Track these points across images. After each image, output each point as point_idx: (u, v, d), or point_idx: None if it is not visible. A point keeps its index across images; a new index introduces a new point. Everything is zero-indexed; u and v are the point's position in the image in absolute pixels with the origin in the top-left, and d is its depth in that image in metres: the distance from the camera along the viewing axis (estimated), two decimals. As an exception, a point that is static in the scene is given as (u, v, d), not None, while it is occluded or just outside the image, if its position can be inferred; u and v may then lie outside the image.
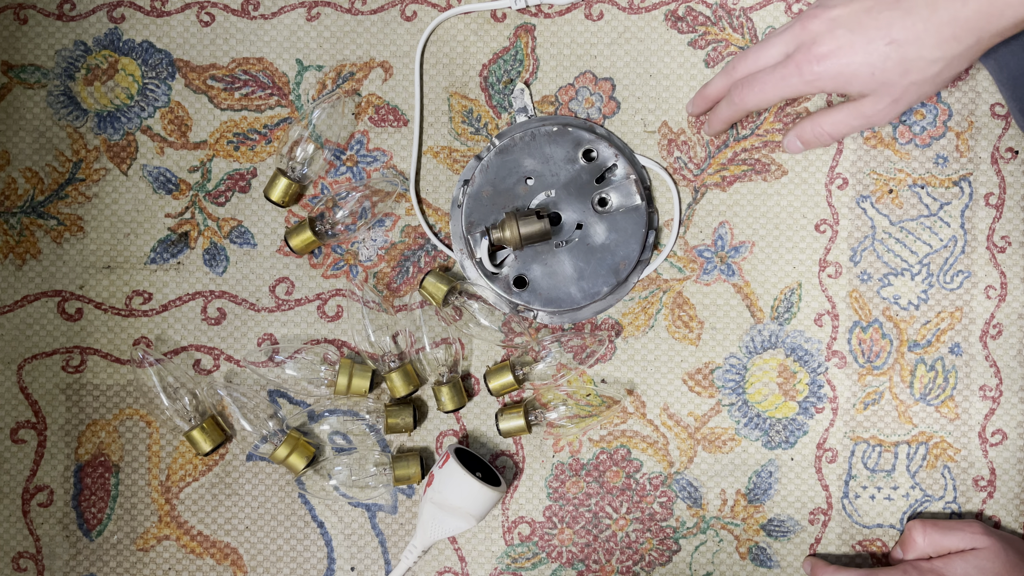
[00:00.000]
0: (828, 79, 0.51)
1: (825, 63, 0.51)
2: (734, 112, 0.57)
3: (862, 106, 0.53)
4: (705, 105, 0.60)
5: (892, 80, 0.50)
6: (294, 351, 0.67)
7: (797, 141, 0.57)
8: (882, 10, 0.50)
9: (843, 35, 0.51)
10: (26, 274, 0.68)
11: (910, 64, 0.50)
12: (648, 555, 0.68)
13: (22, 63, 0.68)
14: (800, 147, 0.57)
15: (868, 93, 0.52)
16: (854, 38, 0.50)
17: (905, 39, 0.49)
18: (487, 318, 0.67)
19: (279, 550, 0.68)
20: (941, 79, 0.51)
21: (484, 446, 0.68)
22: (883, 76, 0.50)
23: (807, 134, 0.56)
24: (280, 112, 0.68)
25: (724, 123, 0.58)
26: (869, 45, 0.50)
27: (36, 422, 0.67)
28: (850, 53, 0.51)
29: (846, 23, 0.51)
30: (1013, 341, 0.68)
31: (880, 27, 0.50)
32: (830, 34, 0.51)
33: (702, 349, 0.68)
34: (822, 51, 0.51)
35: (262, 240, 0.68)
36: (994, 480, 0.68)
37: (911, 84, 0.50)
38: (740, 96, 0.55)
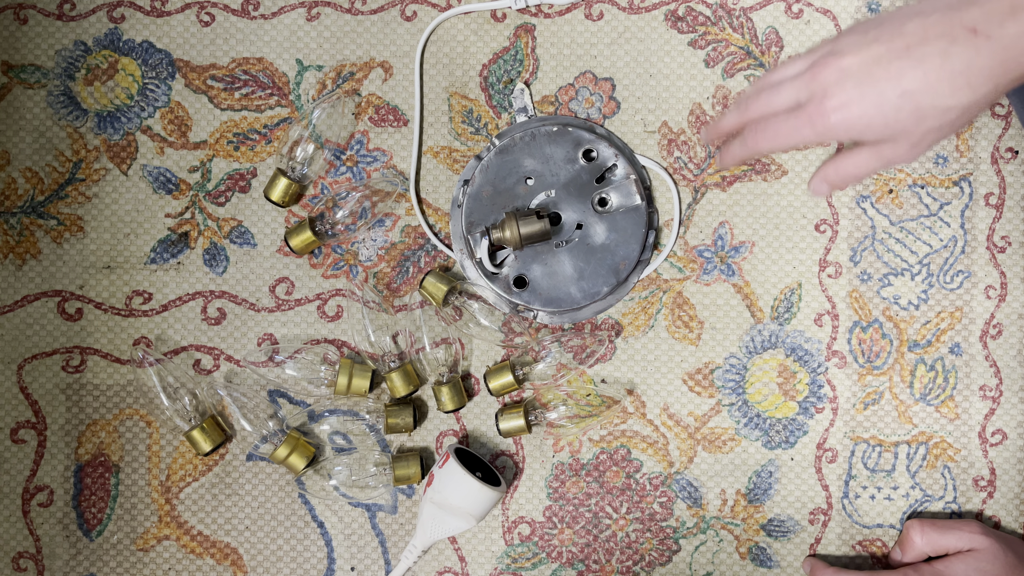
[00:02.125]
0: (841, 131, 0.51)
1: (836, 116, 0.50)
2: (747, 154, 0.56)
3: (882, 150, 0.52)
4: (718, 139, 0.59)
5: (907, 128, 0.50)
6: (294, 351, 0.67)
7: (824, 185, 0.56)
8: (892, 60, 0.49)
9: (853, 88, 0.50)
10: (26, 274, 0.68)
11: (924, 113, 0.49)
12: (648, 555, 0.68)
13: (22, 63, 0.68)
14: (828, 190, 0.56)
15: (885, 140, 0.51)
16: (865, 90, 0.49)
17: (917, 89, 0.48)
18: (487, 318, 0.67)
19: (279, 550, 0.68)
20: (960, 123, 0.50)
21: (484, 446, 0.68)
22: (897, 126, 0.49)
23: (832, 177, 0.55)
24: (280, 112, 0.68)
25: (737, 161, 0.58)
26: (880, 97, 0.49)
27: (36, 422, 0.67)
28: (861, 105, 0.50)
29: (856, 74, 0.50)
30: (1013, 341, 0.68)
31: (891, 78, 0.49)
32: (840, 86, 0.50)
33: (702, 349, 0.68)
34: (833, 104, 0.50)
35: (262, 240, 0.68)
36: (994, 480, 0.68)
37: (928, 131, 0.49)
38: (754, 141, 0.54)
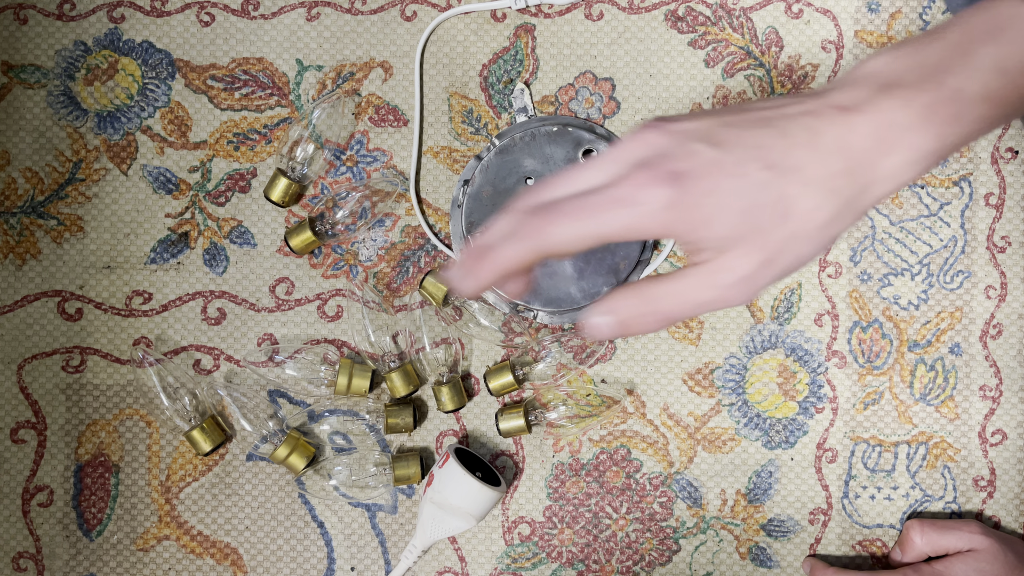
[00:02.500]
0: (679, 211, 0.34)
1: (679, 185, 0.34)
2: (523, 255, 0.35)
3: (719, 270, 0.35)
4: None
5: (767, 226, 0.35)
6: (294, 351, 0.67)
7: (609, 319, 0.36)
8: (749, 127, 0.36)
9: (704, 150, 0.35)
10: (26, 274, 0.68)
11: (790, 205, 0.35)
12: (648, 555, 0.68)
13: (22, 63, 0.68)
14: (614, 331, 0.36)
15: (730, 246, 0.35)
16: (721, 156, 0.35)
17: (787, 166, 0.35)
18: (487, 318, 0.67)
19: (279, 550, 0.68)
20: (825, 237, 0.36)
21: (484, 446, 0.68)
22: (756, 217, 0.35)
23: (628, 312, 0.36)
24: (280, 112, 0.68)
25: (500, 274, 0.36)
26: (740, 167, 0.34)
27: (36, 422, 0.67)
28: (716, 176, 0.34)
29: (705, 137, 0.35)
30: (1013, 341, 0.68)
31: (753, 146, 0.35)
32: (683, 148, 0.35)
33: (702, 349, 0.68)
34: (677, 168, 0.34)
35: (262, 240, 0.68)
36: (994, 480, 0.68)
37: (790, 238, 0.35)
38: (537, 228, 0.35)
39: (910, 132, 0.36)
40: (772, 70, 0.68)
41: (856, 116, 0.36)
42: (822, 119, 0.36)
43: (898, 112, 0.36)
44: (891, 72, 0.37)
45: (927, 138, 0.36)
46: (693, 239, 0.35)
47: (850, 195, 0.36)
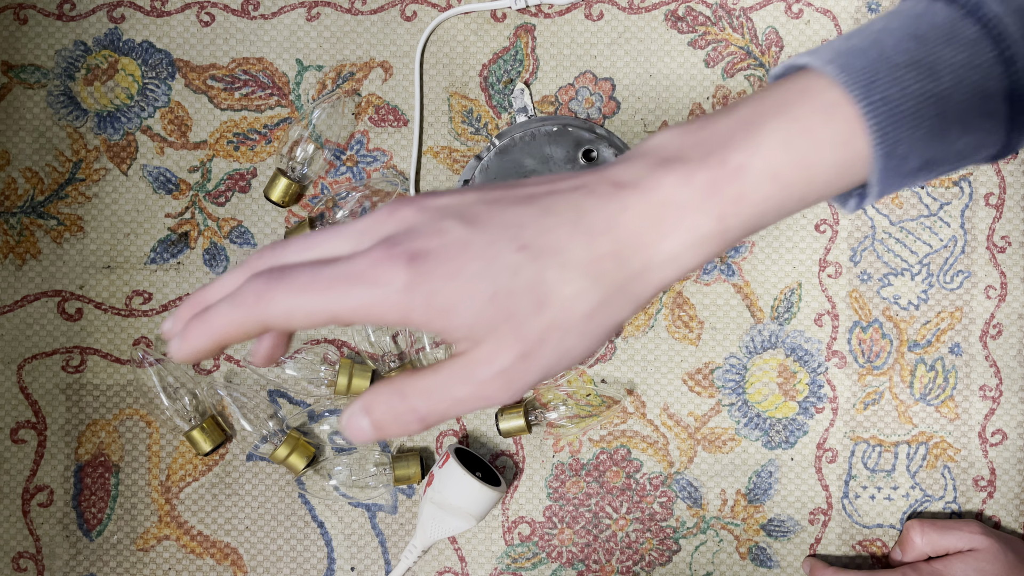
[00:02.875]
0: (420, 296, 0.31)
1: (419, 265, 0.31)
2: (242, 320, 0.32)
3: (474, 363, 0.32)
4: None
5: (520, 314, 0.31)
6: (294, 351, 0.67)
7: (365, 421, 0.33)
8: (510, 204, 0.33)
9: (453, 228, 0.32)
10: (26, 274, 0.68)
11: (548, 291, 0.31)
12: (648, 555, 0.68)
13: (22, 63, 0.68)
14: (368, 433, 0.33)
15: (482, 336, 0.32)
16: (472, 236, 0.31)
17: (544, 247, 0.32)
18: (487, 318, 0.67)
19: (279, 550, 0.68)
20: (593, 329, 0.33)
21: (484, 446, 0.68)
22: (507, 304, 0.31)
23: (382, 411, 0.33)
24: (280, 112, 0.68)
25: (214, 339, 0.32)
26: (491, 249, 0.31)
27: (36, 422, 0.67)
28: (462, 258, 0.31)
29: (459, 214, 0.32)
30: (1013, 341, 0.68)
31: (507, 225, 0.32)
32: (434, 224, 0.32)
33: (702, 349, 0.68)
34: (419, 246, 0.31)
35: (262, 240, 0.68)
36: (994, 480, 0.68)
37: (549, 328, 0.32)
38: (260, 294, 0.31)
39: (689, 212, 0.32)
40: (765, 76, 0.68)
41: (630, 193, 0.33)
42: (592, 196, 0.33)
43: (676, 189, 0.33)
44: (675, 147, 0.34)
45: (707, 219, 0.33)
46: (439, 328, 0.32)
47: (620, 281, 0.32)
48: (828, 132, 0.33)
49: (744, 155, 0.33)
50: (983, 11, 0.34)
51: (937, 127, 0.34)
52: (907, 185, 0.36)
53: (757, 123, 0.33)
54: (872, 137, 0.33)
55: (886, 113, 0.33)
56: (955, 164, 0.36)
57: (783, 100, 0.34)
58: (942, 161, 0.35)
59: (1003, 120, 0.35)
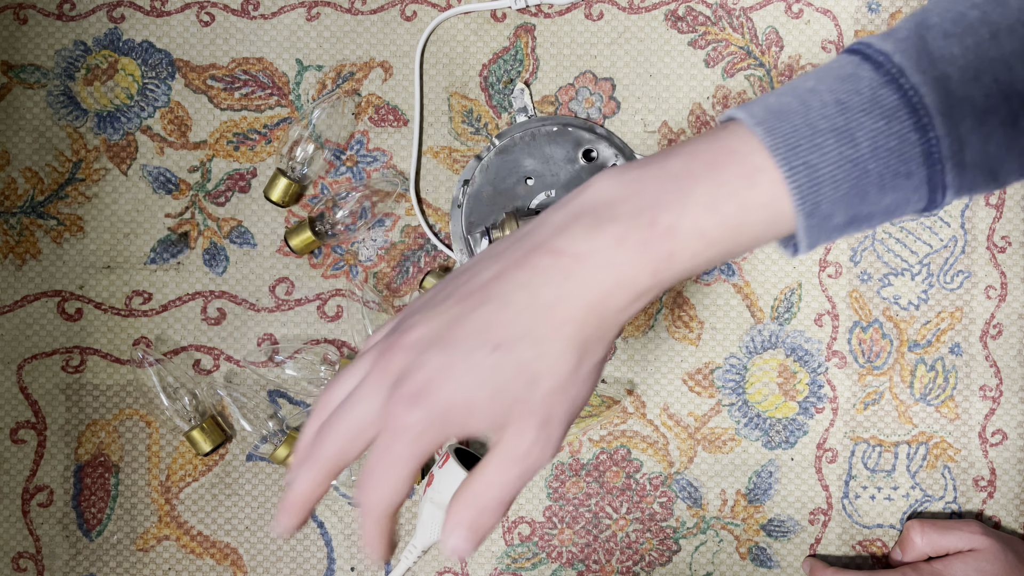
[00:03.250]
0: (439, 422, 0.37)
1: (423, 402, 0.36)
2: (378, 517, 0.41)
3: (508, 447, 0.38)
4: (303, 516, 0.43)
5: (522, 396, 0.37)
6: (294, 351, 0.67)
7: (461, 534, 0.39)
8: (471, 312, 0.37)
9: (434, 358, 0.37)
10: (26, 274, 0.68)
11: (534, 369, 0.37)
12: (648, 555, 0.68)
13: (22, 63, 0.68)
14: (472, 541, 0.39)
15: (504, 423, 0.37)
16: (449, 357, 0.37)
17: (511, 338, 0.36)
18: (487, 318, 0.67)
19: (279, 550, 0.68)
20: (585, 374, 0.38)
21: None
22: (507, 394, 0.37)
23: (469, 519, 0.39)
24: (280, 112, 0.68)
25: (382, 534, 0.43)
26: (469, 359, 0.36)
27: (36, 422, 0.67)
28: (451, 378, 0.36)
29: (434, 342, 0.37)
30: (1013, 341, 0.68)
31: (475, 333, 0.37)
32: (417, 363, 0.37)
33: (702, 349, 0.68)
34: (413, 388, 0.37)
35: (262, 240, 0.68)
36: (994, 480, 0.68)
37: (549, 394, 0.37)
38: (368, 499, 0.40)
39: (627, 271, 0.36)
40: (772, 70, 0.68)
41: (571, 262, 0.37)
42: (535, 272, 0.37)
43: (612, 252, 0.36)
44: (610, 201, 0.37)
45: (643, 274, 0.37)
46: (471, 433, 0.37)
47: (585, 336, 0.37)
48: (753, 195, 0.36)
49: (673, 216, 0.36)
50: (903, 80, 0.37)
51: (856, 188, 0.37)
52: (839, 237, 0.39)
53: (687, 184, 0.37)
54: (794, 199, 0.36)
55: (806, 177, 0.36)
56: (885, 217, 0.38)
57: (712, 160, 0.37)
58: (870, 216, 0.38)
59: (923, 180, 0.37)
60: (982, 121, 0.37)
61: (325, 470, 0.41)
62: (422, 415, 0.37)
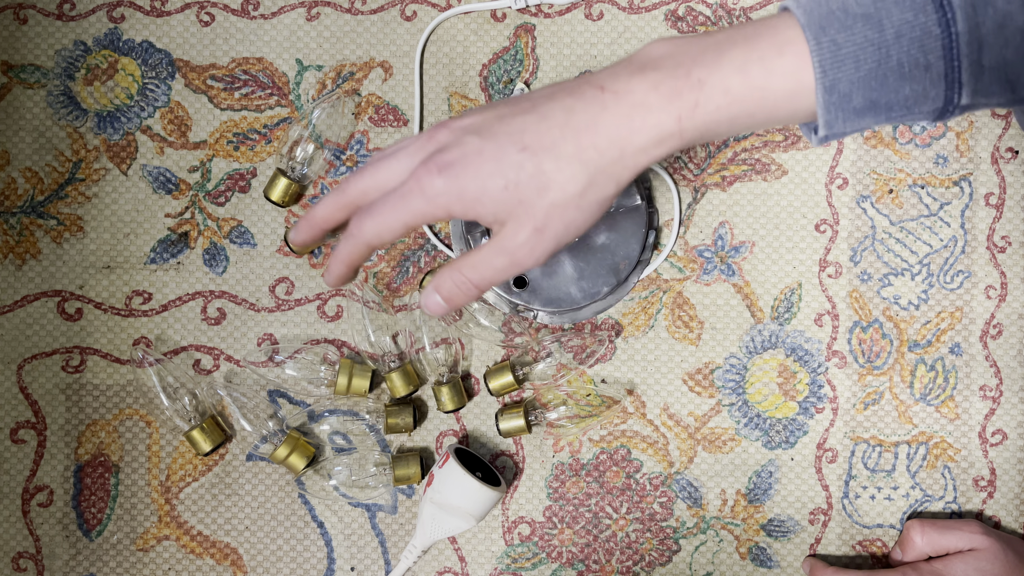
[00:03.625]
0: (454, 194, 0.42)
1: (449, 173, 0.42)
2: (353, 248, 0.46)
3: (503, 239, 0.43)
4: (311, 233, 0.49)
5: (529, 198, 0.42)
6: (294, 351, 0.67)
7: (436, 297, 0.46)
8: (516, 116, 0.43)
9: (472, 141, 0.43)
10: (26, 274, 0.68)
11: (547, 179, 0.42)
12: (648, 555, 0.68)
13: (22, 63, 0.68)
14: (442, 305, 0.46)
15: (504, 218, 0.43)
16: (484, 144, 0.42)
17: (539, 146, 0.42)
18: (487, 318, 0.67)
19: (279, 550, 0.68)
20: (587, 203, 0.43)
21: (484, 446, 0.68)
22: (517, 192, 0.42)
23: (447, 286, 0.45)
24: (280, 112, 0.68)
25: (344, 265, 0.47)
26: (499, 151, 0.42)
27: (36, 422, 0.67)
28: (478, 161, 0.42)
29: (477, 130, 0.43)
30: (1013, 341, 0.68)
31: (512, 133, 0.42)
32: (458, 142, 0.43)
33: (702, 349, 0.68)
34: (447, 159, 0.43)
35: (262, 240, 0.68)
36: (994, 480, 0.68)
37: (552, 206, 0.42)
38: (357, 227, 0.45)
39: (654, 112, 0.41)
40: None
41: (610, 96, 0.42)
42: (580, 100, 0.42)
43: (646, 94, 0.41)
44: (656, 56, 0.42)
45: (668, 119, 0.41)
46: (474, 216, 0.43)
47: (602, 165, 0.42)
48: (780, 63, 0.40)
49: (705, 72, 0.41)
50: None
51: (876, 72, 0.40)
52: (858, 125, 0.41)
53: (724, 48, 0.41)
54: (815, 71, 0.40)
55: (830, 52, 0.40)
56: (903, 112, 0.41)
57: (753, 32, 0.41)
58: (888, 107, 0.41)
59: (940, 75, 0.40)
60: (1002, 24, 0.39)
61: (344, 200, 0.46)
62: (444, 184, 0.42)
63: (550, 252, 0.44)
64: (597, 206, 0.43)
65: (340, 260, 0.47)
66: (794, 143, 0.68)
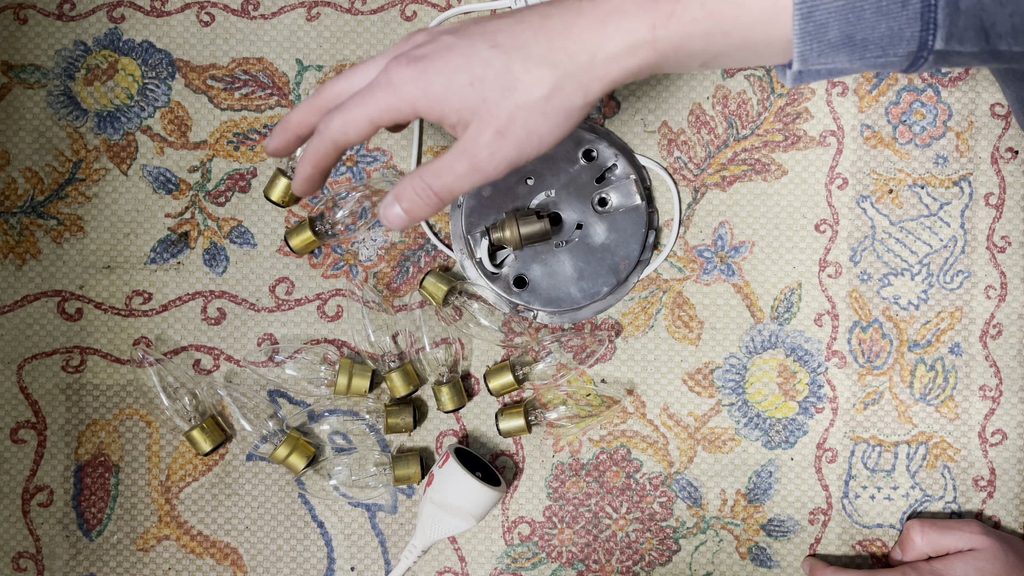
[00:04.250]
0: (420, 87, 0.43)
1: (417, 66, 0.43)
2: (319, 146, 0.46)
3: (464, 141, 0.43)
4: (285, 138, 0.49)
5: (493, 98, 0.42)
6: (294, 351, 0.67)
7: (396, 208, 0.45)
8: (493, 20, 0.44)
9: (446, 39, 0.43)
10: (26, 274, 0.68)
11: (514, 78, 0.42)
12: (648, 555, 0.68)
13: (22, 63, 0.68)
14: (402, 216, 0.45)
15: (468, 119, 0.43)
16: (457, 42, 0.43)
17: (511, 45, 0.42)
18: (487, 318, 0.67)
19: (279, 550, 0.68)
20: (552, 110, 0.42)
21: (484, 446, 0.68)
22: (482, 89, 0.42)
23: (408, 194, 0.44)
24: (280, 112, 0.68)
25: (310, 165, 0.47)
26: (470, 48, 0.42)
27: (36, 422, 0.67)
28: (447, 56, 0.43)
29: (453, 30, 0.44)
30: (1013, 341, 0.68)
31: (486, 33, 0.43)
32: (433, 40, 0.44)
33: (702, 349, 0.68)
34: (418, 53, 0.43)
35: (262, 240, 0.68)
36: (994, 480, 0.68)
37: (516, 108, 0.42)
38: (324, 124, 0.45)
39: (628, 18, 0.41)
40: (772, 70, 0.68)
41: (586, 3, 0.42)
42: (558, 6, 0.42)
43: (623, 1, 0.41)
44: None
45: (642, 26, 0.41)
46: (437, 114, 0.43)
47: (571, 70, 0.42)
48: None
49: None
50: None
51: (854, 3, 0.40)
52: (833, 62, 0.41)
53: None
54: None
55: None
56: (878, 52, 0.41)
57: None
58: (864, 44, 0.40)
59: (917, 14, 0.40)
60: None
61: (318, 103, 0.47)
62: (411, 74, 0.43)
63: (511, 161, 0.43)
64: (563, 115, 0.43)
65: (307, 159, 0.47)
66: (794, 143, 0.68)
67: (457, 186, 0.44)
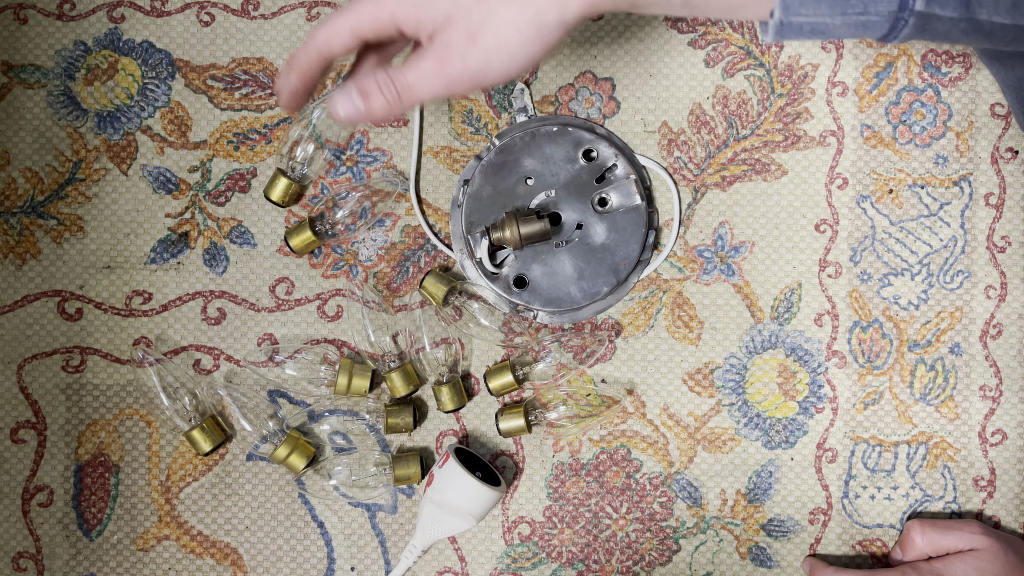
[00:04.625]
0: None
1: None
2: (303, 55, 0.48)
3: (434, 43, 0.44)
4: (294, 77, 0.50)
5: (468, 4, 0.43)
6: (294, 351, 0.67)
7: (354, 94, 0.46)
8: None
9: None
10: (26, 274, 0.68)
11: None
12: (648, 555, 0.68)
13: (22, 63, 0.68)
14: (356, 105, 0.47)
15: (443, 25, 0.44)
16: None
17: None
18: (487, 318, 0.67)
19: (279, 550, 0.68)
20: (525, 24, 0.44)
21: (484, 446, 0.68)
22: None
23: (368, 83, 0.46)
24: (280, 112, 0.68)
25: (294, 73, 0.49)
26: None
27: (36, 422, 0.67)
28: None
29: None
30: (1013, 341, 0.68)
31: None
32: None
33: (702, 349, 0.68)
34: None
35: (262, 240, 0.68)
36: (994, 480, 0.68)
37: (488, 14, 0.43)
38: (310, 35, 0.47)
39: None
40: (772, 70, 0.68)
41: None
42: None
43: None
44: None
45: None
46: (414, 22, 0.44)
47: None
48: None
49: None
50: None
51: None
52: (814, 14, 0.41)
53: None
54: None
55: None
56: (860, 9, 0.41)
57: None
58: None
59: None
60: None
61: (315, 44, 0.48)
62: None
63: (477, 70, 0.44)
64: (535, 30, 0.44)
65: (291, 69, 0.48)
66: (794, 143, 0.68)
67: (419, 86, 0.45)
